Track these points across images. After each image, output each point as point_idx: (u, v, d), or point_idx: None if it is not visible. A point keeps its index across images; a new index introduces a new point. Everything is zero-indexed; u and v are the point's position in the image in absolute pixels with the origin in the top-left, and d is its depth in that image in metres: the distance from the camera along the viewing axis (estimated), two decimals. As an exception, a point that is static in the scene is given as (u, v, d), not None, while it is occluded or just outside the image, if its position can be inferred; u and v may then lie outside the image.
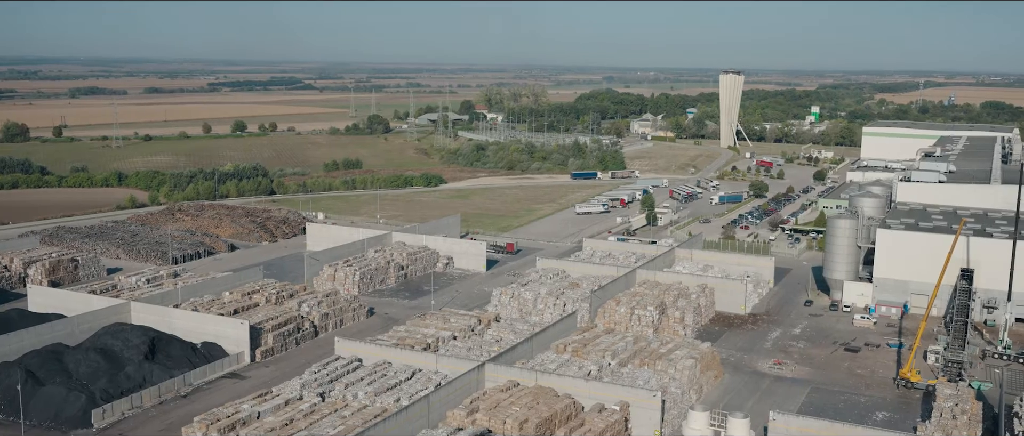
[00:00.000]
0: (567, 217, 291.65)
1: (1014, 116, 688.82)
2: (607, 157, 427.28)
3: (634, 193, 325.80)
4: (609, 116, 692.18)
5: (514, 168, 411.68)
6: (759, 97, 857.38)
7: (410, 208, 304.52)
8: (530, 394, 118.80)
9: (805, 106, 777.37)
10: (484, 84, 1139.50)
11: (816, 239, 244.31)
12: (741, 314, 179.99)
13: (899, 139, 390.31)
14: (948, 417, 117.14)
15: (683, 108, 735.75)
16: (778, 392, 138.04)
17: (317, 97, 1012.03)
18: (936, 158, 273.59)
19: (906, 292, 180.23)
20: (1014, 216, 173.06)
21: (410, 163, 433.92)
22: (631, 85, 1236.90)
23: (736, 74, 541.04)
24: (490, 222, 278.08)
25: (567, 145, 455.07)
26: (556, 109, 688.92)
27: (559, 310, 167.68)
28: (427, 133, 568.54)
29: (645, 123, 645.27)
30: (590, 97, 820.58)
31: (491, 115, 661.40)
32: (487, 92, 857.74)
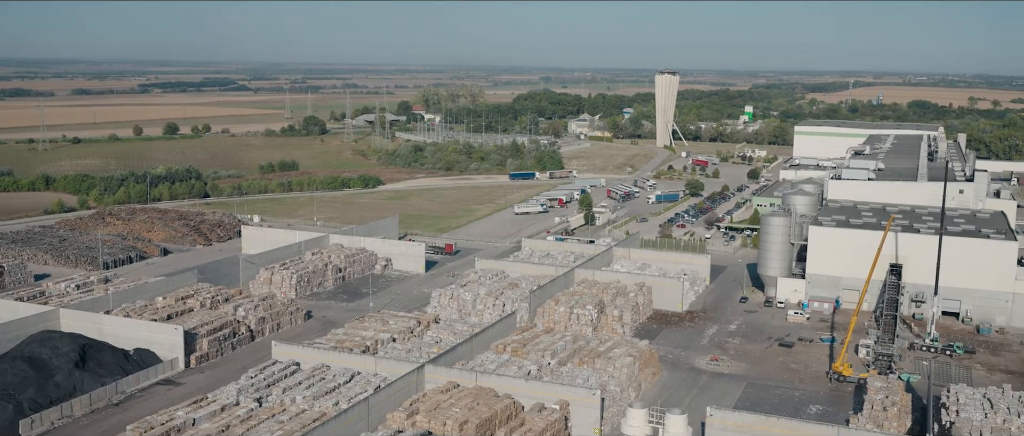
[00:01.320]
0: (506, 217, 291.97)
1: (939, 115, 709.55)
2: (545, 157, 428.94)
3: (572, 193, 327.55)
4: (547, 116, 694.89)
5: (452, 169, 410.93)
6: (694, 97, 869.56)
7: (348, 210, 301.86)
8: (470, 395, 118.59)
9: (739, 106, 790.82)
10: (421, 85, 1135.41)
11: (751, 237, 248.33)
12: (678, 312, 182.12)
13: (830, 138, 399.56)
14: (879, 409, 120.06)
15: (620, 108, 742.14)
16: (715, 388, 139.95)
17: (251, 98, 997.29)
18: (865, 156, 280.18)
19: (838, 288, 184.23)
20: (940, 212, 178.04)
21: (347, 164, 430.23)
22: (568, 85, 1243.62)
23: (671, 74, 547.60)
24: (429, 223, 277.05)
25: (505, 145, 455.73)
26: (494, 109, 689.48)
27: (498, 310, 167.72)
28: (364, 134, 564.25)
29: (582, 123, 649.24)
30: (528, 97, 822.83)
31: (429, 116, 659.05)
32: (425, 93, 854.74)
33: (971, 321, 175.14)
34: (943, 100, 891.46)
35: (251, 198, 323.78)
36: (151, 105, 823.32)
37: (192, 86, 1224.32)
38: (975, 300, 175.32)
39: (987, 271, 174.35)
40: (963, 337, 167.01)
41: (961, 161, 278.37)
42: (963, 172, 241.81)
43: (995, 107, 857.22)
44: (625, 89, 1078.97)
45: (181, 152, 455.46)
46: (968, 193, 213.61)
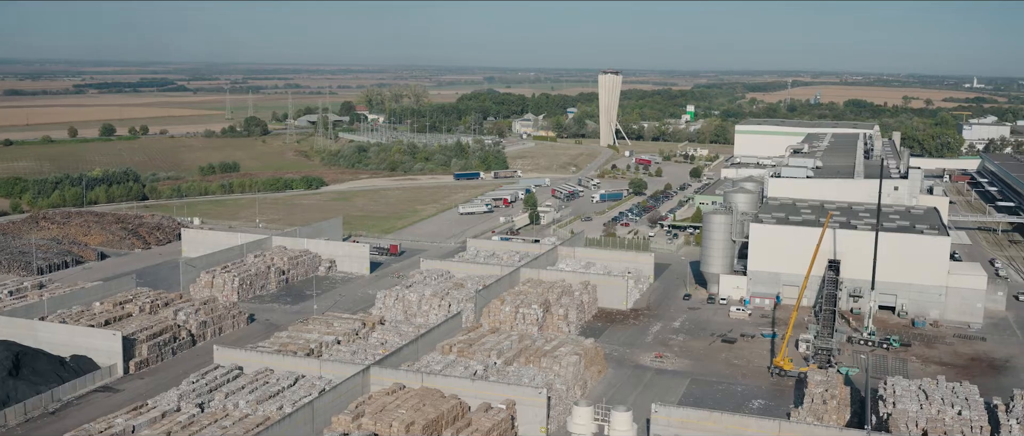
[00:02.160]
0: (450, 217, 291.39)
1: (875, 113, 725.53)
2: (490, 157, 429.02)
3: (517, 193, 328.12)
4: (491, 116, 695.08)
5: (396, 169, 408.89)
6: (637, 97, 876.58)
7: (290, 211, 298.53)
8: (416, 396, 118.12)
9: (681, 105, 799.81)
10: (364, 85, 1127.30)
11: (693, 235, 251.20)
12: (623, 309, 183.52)
13: (769, 137, 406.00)
14: (819, 402, 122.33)
15: (564, 108, 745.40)
16: (660, 384, 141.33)
17: (191, 99, 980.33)
18: (804, 154, 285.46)
19: (778, 284, 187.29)
20: (876, 209, 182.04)
21: (290, 165, 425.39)
22: (512, 85, 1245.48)
23: (614, 74, 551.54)
24: (373, 224, 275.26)
25: (449, 146, 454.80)
26: (438, 110, 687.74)
27: (444, 311, 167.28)
28: (307, 135, 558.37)
29: (527, 123, 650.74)
30: (472, 97, 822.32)
31: (372, 116, 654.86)
32: (368, 93, 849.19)
33: (906, 315, 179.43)
34: (878, 99, 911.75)
35: (191, 200, 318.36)
36: (86, 106, 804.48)
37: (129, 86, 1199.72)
38: (910, 294, 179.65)
39: (921, 266, 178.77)
40: (899, 330, 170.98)
41: (896, 159, 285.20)
42: (898, 170, 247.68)
43: (927, 106, 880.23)
44: (569, 89, 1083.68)
45: (118, 154, 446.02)
46: (903, 190, 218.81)
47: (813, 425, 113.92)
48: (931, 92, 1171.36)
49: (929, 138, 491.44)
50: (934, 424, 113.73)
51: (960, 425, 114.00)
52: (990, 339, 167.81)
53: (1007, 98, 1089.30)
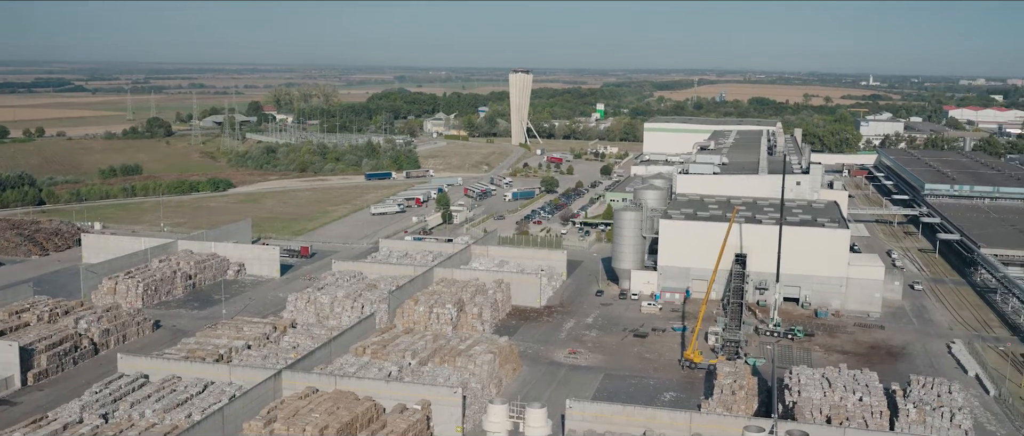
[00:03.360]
0: (362, 218, 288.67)
1: (777, 111, 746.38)
2: (401, 157, 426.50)
3: (429, 192, 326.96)
4: (402, 116, 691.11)
5: (306, 170, 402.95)
6: (548, 95, 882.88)
7: (197, 214, 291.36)
8: (330, 399, 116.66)
9: (591, 104, 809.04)
10: (272, 84, 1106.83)
11: (604, 231, 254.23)
12: (537, 307, 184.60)
13: (677, 134, 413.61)
14: (728, 393, 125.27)
15: (475, 107, 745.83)
16: (574, 380, 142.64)
17: (89, 99, 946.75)
18: (710, 151, 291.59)
19: (688, 278, 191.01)
20: (779, 203, 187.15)
21: (195, 167, 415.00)
22: (423, 84, 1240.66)
23: (525, 73, 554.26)
24: (283, 226, 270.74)
25: (360, 145, 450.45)
26: (348, 109, 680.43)
27: (357, 312, 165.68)
28: (213, 136, 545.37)
29: (438, 122, 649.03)
30: (382, 97, 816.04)
31: (280, 116, 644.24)
32: (276, 92, 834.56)
33: (810, 305, 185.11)
34: (781, 97, 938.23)
35: (91, 204, 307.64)
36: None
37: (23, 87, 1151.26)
38: (813, 286, 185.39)
39: (823, 258, 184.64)
40: (803, 321, 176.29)
41: (798, 154, 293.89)
42: (800, 165, 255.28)
43: (827, 103, 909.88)
44: (480, 88, 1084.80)
45: (11, 157, 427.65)
46: (804, 185, 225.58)
47: (723, 415, 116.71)
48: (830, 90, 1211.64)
49: (829, 134, 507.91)
50: (837, 410, 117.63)
51: (861, 410, 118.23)
52: (888, 327, 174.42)
53: (901, 96, 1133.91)
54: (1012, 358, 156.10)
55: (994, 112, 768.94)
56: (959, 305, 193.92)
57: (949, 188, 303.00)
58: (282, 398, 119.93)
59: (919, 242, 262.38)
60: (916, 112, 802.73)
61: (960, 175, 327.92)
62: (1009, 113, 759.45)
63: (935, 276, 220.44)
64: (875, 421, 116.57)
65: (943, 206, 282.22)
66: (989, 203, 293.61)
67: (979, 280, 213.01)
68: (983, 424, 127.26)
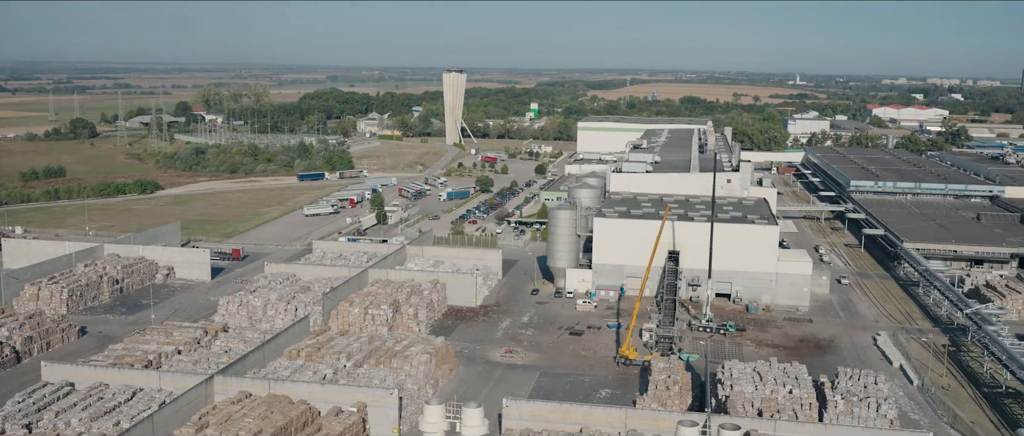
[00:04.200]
0: (295, 219, 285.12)
1: (708, 109, 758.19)
2: (334, 157, 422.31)
3: (363, 193, 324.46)
4: (335, 115, 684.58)
5: (237, 171, 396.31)
6: (482, 95, 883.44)
7: (124, 217, 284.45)
8: (263, 404, 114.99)
9: (525, 103, 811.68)
10: (201, 84, 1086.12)
11: (539, 230, 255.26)
12: (473, 307, 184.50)
13: (610, 133, 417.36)
14: (663, 388, 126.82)
15: (409, 106, 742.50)
16: (510, 379, 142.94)
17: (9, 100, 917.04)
18: (643, 150, 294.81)
19: (622, 276, 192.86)
20: (711, 201, 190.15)
21: (122, 169, 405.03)
22: (356, 84, 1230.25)
23: (459, 72, 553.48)
24: (214, 228, 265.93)
25: (293, 146, 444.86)
26: (279, 109, 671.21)
27: (291, 315, 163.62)
28: (140, 137, 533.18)
29: (372, 122, 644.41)
30: (315, 96, 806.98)
31: (210, 116, 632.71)
32: (205, 92, 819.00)
33: (741, 301, 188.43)
34: (711, 96, 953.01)
35: (12, 208, 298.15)
36: None
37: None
38: (744, 281, 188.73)
39: (753, 254, 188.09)
40: (734, 316, 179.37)
41: (728, 153, 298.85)
42: (730, 163, 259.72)
43: (756, 102, 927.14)
44: (414, 88, 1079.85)
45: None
46: (735, 182, 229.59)
47: (657, 410, 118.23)
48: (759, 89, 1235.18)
49: (758, 133, 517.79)
50: (768, 403, 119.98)
51: (791, 403, 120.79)
52: (816, 321, 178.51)
53: (827, 95, 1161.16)
54: (934, 349, 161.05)
55: (915, 110, 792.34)
56: (884, 298, 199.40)
57: (873, 185, 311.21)
58: (214, 404, 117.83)
59: (845, 237, 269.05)
60: (841, 111, 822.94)
61: (884, 172, 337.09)
62: (929, 111, 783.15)
63: (861, 270, 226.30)
64: (805, 413, 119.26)
65: (868, 202, 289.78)
66: (911, 199, 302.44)
67: (902, 274, 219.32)
68: (907, 413, 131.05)
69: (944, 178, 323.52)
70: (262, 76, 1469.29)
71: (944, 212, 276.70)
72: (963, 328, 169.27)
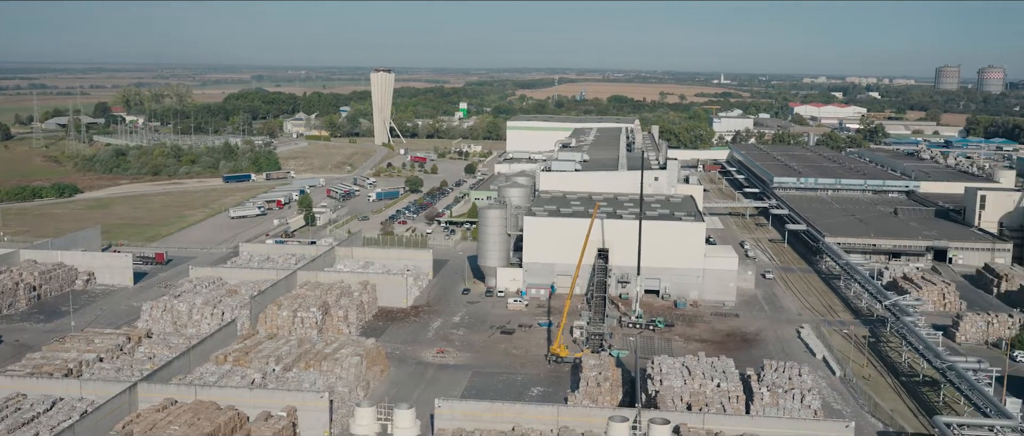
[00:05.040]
0: (221, 222, 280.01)
1: (635, 108, 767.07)
2: (261, 158, 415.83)
3: (291, 194, 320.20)
4: (261, 116, 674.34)
5: (160, 173, 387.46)
6: (410, 94, 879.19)
7: (41, 222, 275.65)
8: (190, 411, 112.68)
9: (454, 103, 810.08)
10: (120, 84, 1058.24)
11: (470, 230, 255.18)
12: (403, 307, 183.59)
13: (539, 132, 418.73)
14: (594, 385, 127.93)
15: (336, 106, 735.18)
16: (442, 380, 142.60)
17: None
18: (572, 149, 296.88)
19: (553, 274, 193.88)
20: (639, 199, 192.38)
21: (37, 172, 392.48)
22: (282, 84, 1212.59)
23: (387, 72, 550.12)
24: (136, 232, 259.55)
25: (217, 147, 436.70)
26: (203, 110, 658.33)
27: (217, 319, 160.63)
28: (56, 139, 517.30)
29: (299, 122, 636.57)
30: (240, 97, 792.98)
31: (131, 117, 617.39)
32: (125, 93, 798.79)
33: (669, 297, 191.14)
34: (638, 95, 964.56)
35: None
36: None
37: None
38: (672, 277, 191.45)
39: (681, 251, 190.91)
40: (663, 312, 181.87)
41: (655, 151, 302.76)
42: (657, 161, 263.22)
43: (682, 101, 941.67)
44: (341, 87, 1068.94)
45: None
46: (662, 180, 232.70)
47: (589, 407, 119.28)
48: (684, 88, 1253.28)
49: (684, 131, 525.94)
50: (696, 397, 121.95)
51: (719, 396, 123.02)
52: (743, 315, 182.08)
53: (750, 93, 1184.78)
54: (855, 340, 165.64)
55: (835, 108, 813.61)
56: (807, 292, 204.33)
57: (796, 181, 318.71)
58: (138, 412, 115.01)
59: (769, 233, 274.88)
60: (764, 109, 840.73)
61: (805, 168, 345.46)
62: (848, 109, 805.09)
63: (784, 265, 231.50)
64: (732, 405, 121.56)
65: (790, 198, 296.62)
66: (832, 194, 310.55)
67: (824, 267, 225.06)
68: (830, 404, 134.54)
69: (863, 174, 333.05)
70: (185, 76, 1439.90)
71: (863, 207, 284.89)
72: (882, 319, 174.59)
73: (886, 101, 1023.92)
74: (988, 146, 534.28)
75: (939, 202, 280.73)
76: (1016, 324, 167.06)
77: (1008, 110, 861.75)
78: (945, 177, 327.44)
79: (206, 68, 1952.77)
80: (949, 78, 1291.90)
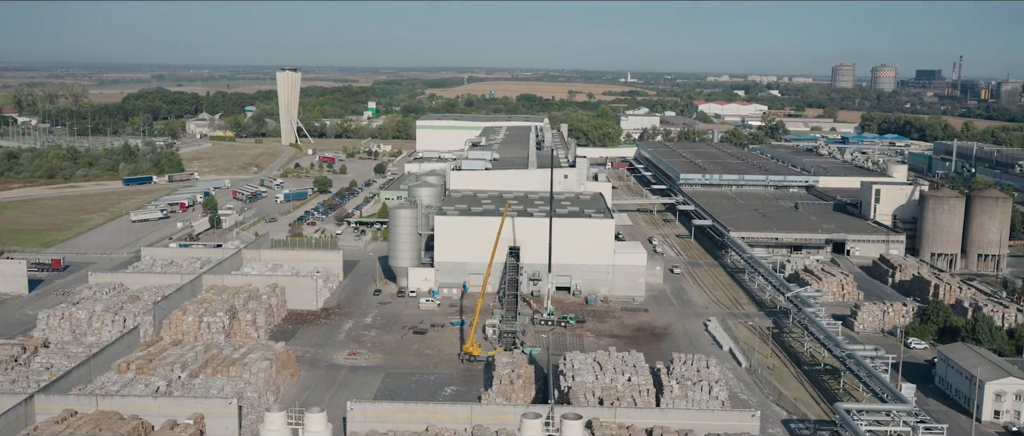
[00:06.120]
0: (122, 226, 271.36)
1: (544, 107, 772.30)
2: (163, 160, 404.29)
3: (195, 196, 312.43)
4: (162, 116, 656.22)
5: (56, 176, 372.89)
6: (318, 94, 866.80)
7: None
8: (91, 422, 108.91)
9: (362, 102, 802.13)
10: (11, 84, 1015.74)
11: (380, 230, 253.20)
12: (313, 309, 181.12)
13: (449, 131, 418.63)
14: (507, 383, 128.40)
15: (241, 106, 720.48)
16: (354, 382, 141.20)
17: None
18: (482, 147, 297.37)
19: (464, 273, 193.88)
20: (549, 197, 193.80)
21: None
22: (184, 84, 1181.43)
23: (293, 71, 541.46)
24: (30, 238, 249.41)
25: (117, 149, 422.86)
26: (101, 110, 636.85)
27: (119, 326, 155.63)
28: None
29: (202, 123, 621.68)
30: (140, 97, 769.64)
31: (23, 119, 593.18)
32: (16, 93, 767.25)
33: (580, 293, 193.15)
34: (546, 94, 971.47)
35: None
36: None
37: None
38: (583, 274, 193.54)
39: (591, 247, 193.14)
40: (575, 309, 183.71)
41: (564, 149, 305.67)
42: (566, 159, 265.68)
43: (590, 99, 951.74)
44: (246, 87, 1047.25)
45: None
46: (571, 178, 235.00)
47: (502, 405, 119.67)
48: (592, 87, 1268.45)
49: (592, 129, 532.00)
50: (608, 392, 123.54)
51: (630, 390, 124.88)
52: (652, 310, 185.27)
53: (656, 91, 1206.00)
54: (759, 332, 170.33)
55: (737, 106, 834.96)
56: (713, 285, 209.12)
57: (701, 177, 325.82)
58: (36, 425, 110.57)
59: (677, 228, 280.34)
60: (670, 107, 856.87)
61: (710, 165, 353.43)
62: (750, 107, 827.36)
63: (692, 260, 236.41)
64: (643, 399, 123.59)
65: (696, 194, 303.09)
66: (736, 190, 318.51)
67: (730, 261, 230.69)
68: (737, 394, 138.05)
69: (765, 170, 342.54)
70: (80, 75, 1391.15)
71: (766, 202, 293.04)
72: (785, 311, 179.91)
73: (786, 99, 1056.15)
74: (882, 142, 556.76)
75: (837, 196, 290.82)
76: (910, 312, 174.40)
77: (900, 107, 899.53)
78: (842, 172, 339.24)
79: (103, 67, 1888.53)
80: (845, 76, 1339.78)
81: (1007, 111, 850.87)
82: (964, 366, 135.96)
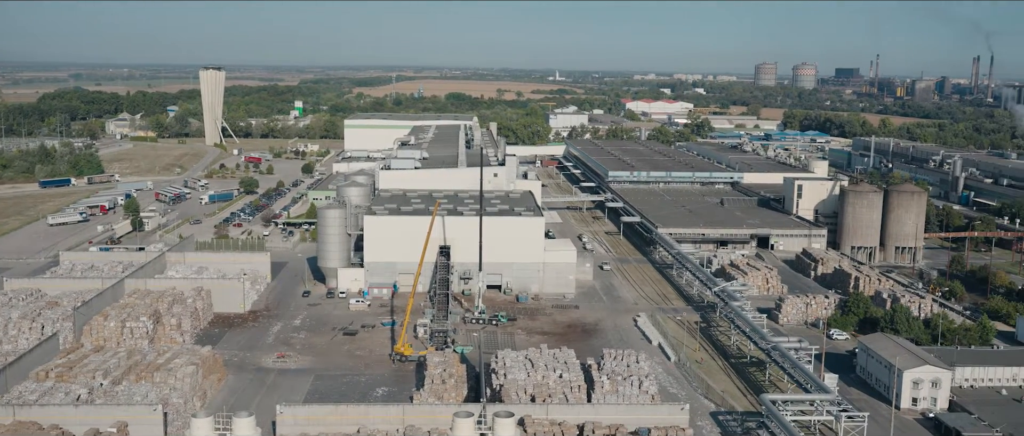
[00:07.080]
0: (39, 230, 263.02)
1: (473, 105, 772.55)
2: (81, 161, 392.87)
3: (116, 198, 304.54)
4: (80, 116, 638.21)
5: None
6: (243, 93, 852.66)
7: None
8: (8, 432, 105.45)
9: (289, 101, 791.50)
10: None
11: (309, 230, 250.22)
12: (241, 312, 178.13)
13: (378, 130, 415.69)
14: (439, 382, 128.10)
15: (163, 106, 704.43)
16: (283, 385, 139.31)
17: None
18: (411, 146, 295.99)
19: (395, 273, 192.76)
20: (479, 195, 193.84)
21: None
22: (103, 83, 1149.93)
23: (217, 70, 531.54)
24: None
25: (32, 150, 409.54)
26: (15, 111, 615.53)
27: (37, 334, 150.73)
28: None
29: (123, 123, 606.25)
30: (56, 96, 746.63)
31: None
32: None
33: (511, 291, 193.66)
34: (476, 92, 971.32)
35: None
36: None
37: None
38: (513, 272, 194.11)
39: (521, 245, 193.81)
40: (506, 307, 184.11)
41: (494, 147, 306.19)
42: (496, 157, 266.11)
43: (519, 98, 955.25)
44: (168, 86, 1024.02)
45: None
46: (501, 176, 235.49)
47: (434, 405, 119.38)
48: (521, 85, 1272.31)
49: (521, 127, 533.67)
50: (540, 389, 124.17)
51: (561, 386, 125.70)
52: (582, 307, 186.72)
53: (584, 90, 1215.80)
54: (688, 326, 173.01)
55: (664, 104, 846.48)
56: (642, 281, 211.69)
57: (629, 175, 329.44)
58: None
59: (606, 225, 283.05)
60: (598, 105, 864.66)
61: (638, 162, 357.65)
62: (676, 105, 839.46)
63: (621, 256, 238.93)
64: (574, 395, 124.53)
65: (625, 191, 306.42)
66: (663, 187, 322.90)
67: (658, 257, 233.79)
68: (667, 388, 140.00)
69: (691, 167, 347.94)
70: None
71: (692, 198, 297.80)
72: (712, 305, 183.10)
73: (711, 97, 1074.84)
74: (803, 138, 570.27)
75: (761, 192, 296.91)
76: (832, 304, 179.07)
77: (820, 104, 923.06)
78: (766, 168, 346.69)
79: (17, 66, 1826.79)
80: (767, 74, 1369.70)
81: (921, 108, 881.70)
82: (883, 356, 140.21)
